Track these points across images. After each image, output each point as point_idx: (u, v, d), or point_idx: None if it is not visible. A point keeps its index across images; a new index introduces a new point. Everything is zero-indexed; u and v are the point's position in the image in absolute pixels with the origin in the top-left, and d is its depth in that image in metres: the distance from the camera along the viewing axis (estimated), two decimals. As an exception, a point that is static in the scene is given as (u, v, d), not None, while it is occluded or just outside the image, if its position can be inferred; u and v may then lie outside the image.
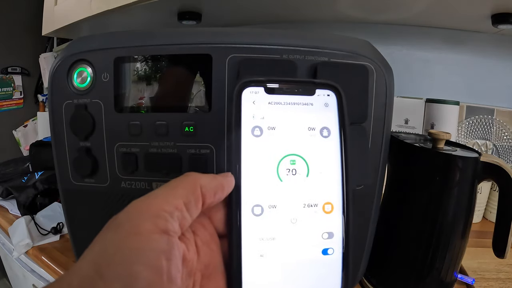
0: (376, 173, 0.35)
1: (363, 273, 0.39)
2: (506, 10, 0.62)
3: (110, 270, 0.17)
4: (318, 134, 0.25)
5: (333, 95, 0.25)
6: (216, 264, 0.23)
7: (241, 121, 0.24)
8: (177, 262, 0.19)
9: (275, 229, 0.23)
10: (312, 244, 0.23)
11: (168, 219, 0.19)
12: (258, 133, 0.24)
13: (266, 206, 0.23)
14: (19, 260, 0.70)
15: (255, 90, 0.24)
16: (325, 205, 0.24)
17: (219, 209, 0.24)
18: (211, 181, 0.22)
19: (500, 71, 0.81)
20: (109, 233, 0.19)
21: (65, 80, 0.34)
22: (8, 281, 1.03)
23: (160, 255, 0.18)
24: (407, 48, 0.84)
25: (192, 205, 0.21)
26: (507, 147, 0.78)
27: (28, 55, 1.77)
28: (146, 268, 0.17)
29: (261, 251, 0.23)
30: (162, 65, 0.34)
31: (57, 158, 0.36)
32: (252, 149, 0.24)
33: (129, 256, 0.17)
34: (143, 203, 0.20)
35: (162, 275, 0.17)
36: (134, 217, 0.19)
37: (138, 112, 0.34)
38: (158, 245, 0.18)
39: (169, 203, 0.20)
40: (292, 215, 0.24)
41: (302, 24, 0.89)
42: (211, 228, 0.24)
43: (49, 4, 0.93)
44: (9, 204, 0.79)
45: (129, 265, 0.17)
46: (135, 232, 0.18)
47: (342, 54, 0.33)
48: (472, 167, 0.38)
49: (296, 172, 0.24)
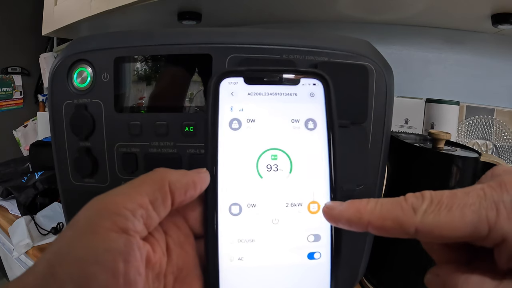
0: (376, 173, 0.35)
1: (363, 273, 0.39)
2: (506, 10, 0.62)
3: (62, 269, 0.16)
4: (302, 127, 0.23)
5: (319, 84, 0.23)
6: (191, 266, 0.21)
7: (218, 113, 0.22)
8: (138, 265, 0.17)
9: (254, 230, 0.21)
10: (296, 247, 0.21)
11: (129, 217, 0.18)
12: (236, 126, 0.22)
13: (244, 205, 0.22)
14: (19, 260, 0.69)
15: (234, 81, 0.22)
16: (311, 204, 0.22)
17: (195, 208, 0.22)
18: (181, 178, 0.20)
19: (500, 71, 0.81)
20: (66, 232, 0.18)
21: (65, 80, 0.34)
22: (8, 281, 1.03)
23: (116, 256, 0.16)
24: (407, 48, 0.84)
25: (159, 203, 0.19)
26: (507, 147, 0.78)
27: (28, 55, 1.77)
28: (101, 269, 0.16)
29: (240, 254, 0.21)
30: (162, 65, 0.34)
31: (57, 158, 0.36)
32: (230, 143, 0.22)
33: (82, 255, 0.16)
34: (103, 200, 0.19)
35: (118, 277, 0.16)
36: (91, 215, 0.18)
37: (138, 112, 0.34)
38: (115, 245, 0.17)
39: (132, 200, 0.18)
40: (273, 215, 0.22)
41: (302, 24, 0.89)
42: (185, 228, 0.22)
43: (49, 4, 0.93)
44: (9, 204, 0.79)
45: (82, 266, 0.16)
46: (91, 230, 0.17)
47: (342, 54, 0.33)
48: (472, 167, 0.38)
49: (278, 168, 0.22)
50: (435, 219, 0.16)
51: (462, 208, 0.16)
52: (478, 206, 0.16)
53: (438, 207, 0.17)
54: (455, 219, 0.16)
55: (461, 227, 0.16)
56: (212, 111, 0.22)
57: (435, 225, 0.16)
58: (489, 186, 0.17)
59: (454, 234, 0.16)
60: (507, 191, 0.16)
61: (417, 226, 0.17)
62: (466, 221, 0.16)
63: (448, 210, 0.16)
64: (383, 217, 0.18)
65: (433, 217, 0.17)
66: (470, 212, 0.16)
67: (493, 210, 0.16)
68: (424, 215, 0.17)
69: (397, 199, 0.18)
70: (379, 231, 0.18)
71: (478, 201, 0.16)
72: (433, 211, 0.17)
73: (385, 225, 0.18)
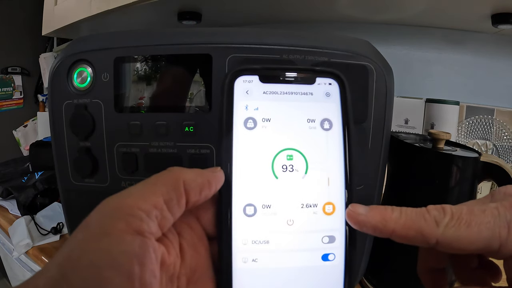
0: (376, 173, 0.35)
1: (363, 273, 0.39)
2: (506, 10, 0.62)
3: (75, 274, 0.15)
4: (318, 127, 0.22)
5: (335, 84, 0.23)
6: (204, 268, 0.21)
7: (232, 112, 0.21)
8: (153, 267, 0.17)
9: (269, 232, 0.21)
10: (311, 248, 0.21)
11: (143, 218, 0.17)
12: (252, 125, 0.22)
13: (259, 205, 0.21)
14: (19, 260, 0.70)
15: (249, 79, 0.22)
16: (326, 205, 0.22)
17: (208, 209, 0.22)
18: (196, 177, 0.20)
19: (500, 71, 0.81)
20: (78, 234, 0.17)
21: (65, 80, 0.34)
22: (8, 281, 1.03)
23: (132, 258, 0.16)
24: (407, 48, 0.84)
25: (173, 203, 0.19)
26: (507, 147, 0.78)
27: (28, 55, 1.77)
28: (116, 273, 0.15)
29: (254, 256, 0.21)
30: (162, 65, 0.34)
31: (57, 158, 0.36)
32: (245, 142, 0.21)
33: (96, 259, 0.16)
34: (116, 201, 0.18)
35: (133, 281, 0.16)
36: (104, 217, 0.17)
37: (138, 112, 0.34)
38: (130, 247, 0.16)
39: (146, 201, 0.18)
40: (288, 216, 0.21)
41: (302, 24, 0.89)
42: (199, 229, 0.22)
43: (49, 4, 0.93)
44: (9, 204, 0.79)
45: (97, 269, 0.15)
46: (105, 232, 0.16)
47: (342, 54, 0.33)
48: (472, 167, 0.38)
49: (294, 169, 0.22)
50: (455, 233, 0.18)
51: (479, 225, 0.18)
52: (493, 224, 0.18)
53: (458, 222, 0.18)
54: (473, 234, 0.18)
55: (477, 242, 0.18)
56: (227, 110, 0.22)
57: (455, 239, 0.18)
58: (503, 205, 0.19)
59: (470, 247, 0.18)
60: None
61: (438, 238, 0.18)
62: (482, 237, 0.18)
63: (467, 226, 0.18)
64: (407, 227, 0.19)
65: (454, 231, 0.18)
66: (486, 229, 0.18)
67: (505, 228, 0.18)
68: (446, 229, 0.18)
69: (420, 210, 0.20)
70: (401, 239, 0.19)
71: (493, 219, 0.18)
72: (454, 225, 0.18)
73: (408, 235, 0.19)
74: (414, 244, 0.19)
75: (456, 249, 0.18)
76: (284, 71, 0.23)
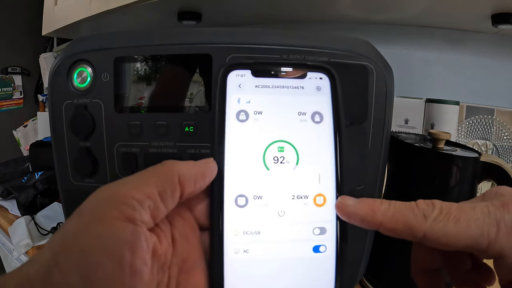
0: (376, 173, 0.35)
1: (363, 273, 0.39)
2: (506, 10, 0.62)
3: (67, 258, 0.16)
4: (309, 119, 0.23)
5: (326, 78, 0.23)
6: (195, 258, 0.21)
7: (225, 105, 0.22)
8: (144, 255, 0.17)
9: (260, 222, 0.21)
10: (302, 239, 0.21)
11: (136, 207, 0.17)
12: (244, 118, 0.22)
13: (251, 196, 0.21)
14: (19, 260, 0.70)
15: (241, 73, 0.23)
16: (317, 197, 0.22)
17: (200, 199, 0.22)
18: (191, 169, 0.20)
19: (500, 71, 0.81)
20: (71, 221, 0.17)
21: (65, 80, 0.34)
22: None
23: (123, 245, 0.16)
24: (407, 48, 0.84)
25: (167, 195, 0.19)
26: (507, 147, 0.78)
27: (28, 55, 1.77)
28: (107, 258, 0.16)
29: (245, 246, 0.21)
30: (162, 65, 0.34)
31: (57, 158, 0.36)
32: (237, 134, 0.22)
33: (88, 244, 0.16)
34: (110, 190, 0.18)
35: (124, 267, 0.16)
36: (98, 204, 0.18)
37: (138, 112, 0.34)
38: (121, 234, 0.16)
39: (140, 191, 0.18)
40: (279, 207, 0.21)
41: (302, 24, 0.89)
42: (191, 220, 0.22)
43: (49, 4, 0.93)
44: (9, 204, 0.79)
45: (88, 254, 0.16)
46: (97, 219, 0.17)
47: (342, 54, 0.33)
48: (472, 167, 0.38)
49: (285, 160, 0.22)
50: (443, 228, 0.18)
51: (468, 222, 0.18)
52: (482, 221, 0.18)
53: (447, 217, 0.18)
54: (461, 230, 0.18)
55: (465, 239, 0.18)
56: (220, 103, 0.22)
57: (442, 233, 0.18)
58: (493, 204, 0.19)
59: (457, 244, 0.18)
60: (508, 212, 0.18)
61: (426, 232, 0.18)
62: (470, 234, 0.18)
63: (456, 221, 0.18)
64: (395, 219, 0.19)
65: (441, 226, 0.18)
66: (475, 226, 0.18)
67: (495, 227, 0.18)
68: (434, 223, 0.18)
69: (409, 204, 0.19)
70: (389, 232, 0.19)
71: (483, 217, 0.18)
72: (442, 220, 0.18)
73: (396, 228, 0.19)
74: (402, 237, 0.19)
75: (443, 245, 0.18)
76: (276, 65, 0.23)
